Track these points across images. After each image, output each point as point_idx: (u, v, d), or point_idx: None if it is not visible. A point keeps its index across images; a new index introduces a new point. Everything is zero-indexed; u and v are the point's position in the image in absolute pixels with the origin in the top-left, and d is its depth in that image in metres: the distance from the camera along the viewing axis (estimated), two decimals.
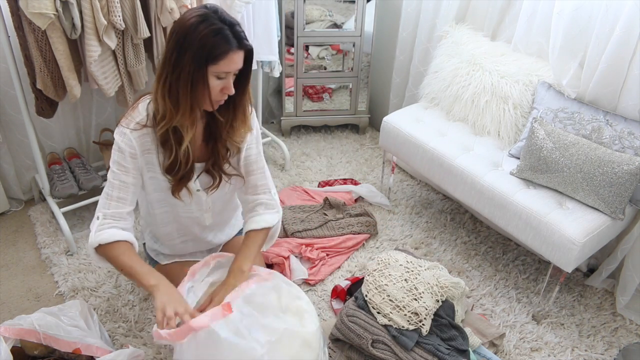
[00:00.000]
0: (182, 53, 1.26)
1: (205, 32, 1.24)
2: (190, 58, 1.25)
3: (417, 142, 2.10)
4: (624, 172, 1.64)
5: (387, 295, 1.62)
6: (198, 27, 1.24)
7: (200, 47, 1.24)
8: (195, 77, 1.27)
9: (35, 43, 1.70)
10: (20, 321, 1.38)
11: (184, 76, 1.27)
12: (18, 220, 2.25)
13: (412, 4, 2.45)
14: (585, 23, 1.81)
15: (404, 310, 1.59)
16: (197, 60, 1.26)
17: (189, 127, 1.35)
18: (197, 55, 1.25)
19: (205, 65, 1.27)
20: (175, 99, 1.30)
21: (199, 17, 1.26)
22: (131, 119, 1.39)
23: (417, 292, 1.63)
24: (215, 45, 1.25)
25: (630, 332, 1.86)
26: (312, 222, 2.22)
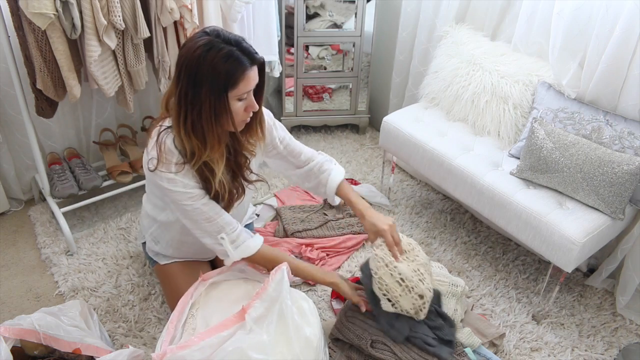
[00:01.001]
0: (198, 88, 1.22)
1: (216, 60, 1.20)
2: (207, 91, 1.22)
3: (417, 142, 2.10)
4: (624, 172, 1.64)
5: (399, 274, 1.49)
6: (207, 57, 1.21)
7: (215, 77, 1.21)
8: (217, 108, 1.24)
9: (35, 43, 1.70)
10: (20, 321, 1.38)
11: (205, 111, 1.24)
12: (18, 220, 2.25)
13: (412, 4, 2.45)
14: (585, 23, 1.80)
15: (412, 292, 1.49)
16: (216, 91, 1.22)
17: (218, 159, 1.33)
18: (214, 86, 1.22)
19: (225, 93, 1.23)
20: (201, 135, 1.27)
21: (204, 46, 1.22)
22: (167, 163, 1.33)
23: (420, 273, 1.52)
24: (231, 71, 1.22)
25: (630, 332, 1.86)
26: (312, 222, 2.22)
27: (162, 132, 1.36)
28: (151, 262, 1.77)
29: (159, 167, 1.33)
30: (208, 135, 1.27)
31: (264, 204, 2.37)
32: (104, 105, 2.32)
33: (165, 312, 1.83)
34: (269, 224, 2.26)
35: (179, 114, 1.27)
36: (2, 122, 2.13)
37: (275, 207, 2.34)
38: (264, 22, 2.30)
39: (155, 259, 1.73)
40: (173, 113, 1.29)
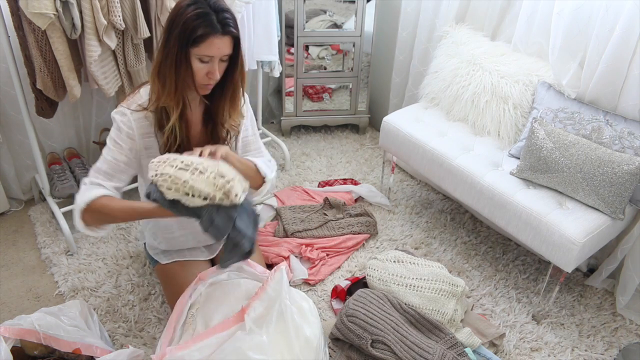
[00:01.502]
0: (169, 35, 1.30)
1: (190, 15, 1.28)
2: (175, 39, 1.29)
3: (417, 142, 2.10)
4: (624, 172, 1.64)
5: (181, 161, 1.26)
6: (186, 10, 1.29)
7: (184, 29, 1.29)
8: (178, 58, 1.31)
9: (35, 43, 1.70)
10: (20, 321, 1.38)
11: (170, 57, 1.31)
12: (18, 220, 2.25)
13: (412, 4, 2.45)
14: (585, 23, 1.80)
15: (206, 172, 1.23)
16: (180, 41, 1.29)
17: (174, 107, 1.38)
18: (181, 37, 1.29)
19: (187, 47, 1.30)
20: (163, 79, 1.34)
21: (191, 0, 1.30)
22: (132, 101, 1.43)
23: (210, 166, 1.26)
24: (197, 28, 1.28)
25: (630, 332, 1.86)
26: (312, 222, 2.22)
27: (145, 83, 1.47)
28: (152, 262, 1.77)
29: (122, 103, 1.44)
30: (167, 80, 1.34)
31: (264, 204, 2.37)
32: (104, 105, 2.32)
33: (165, 312, 1.83)
34: (269, 224, 2.26)
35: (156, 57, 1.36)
36: (2, 122, 2.13)
37: (275, 207, 2.34)
38: (264, 22, 2.30)
39: (157, 259, 1.73)
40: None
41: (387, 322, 1.60)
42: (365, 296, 1.69)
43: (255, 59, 2.37)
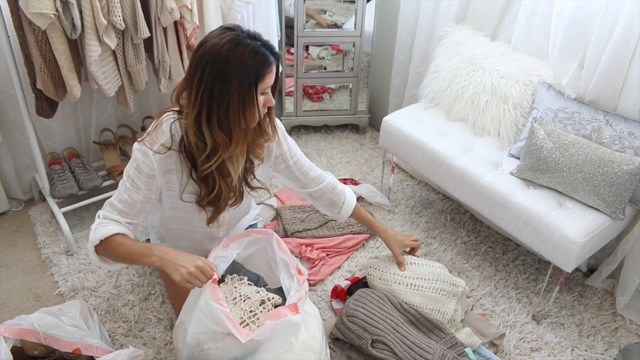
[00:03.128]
0: (227, 83, 1.23)
1: (245, 55, 1.22)
2: (237, 85, 1.23)
3: (417, 142, 2.10)
4: (624, 172, 1.64)
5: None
6: (236, 52, 1.22)
7: (246, 71, 1.23)
8: (245, 102, 1.26)
9: (35, 43, 1.70)
10: (20, 321, 1.38)
11: (233, 105, 1.25)
12: (18, 220, 2.25)
13: (412, 4, 2.45)
14: (585, 23, 1.80)
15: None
16: (245, 85, 1.24)
17: (239, 156, 1.34)
18: (245, 80, 1.23)
19: (255, 86, 1.25)
20: (227, 130, 1.28)
21: (232, 41, 1.23)
22: (155, 139, 1.35)
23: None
24: (260, 65, 1.24)
25: (630, 332, 1.86)
26: (312, 222, 2.22)
27: (167, 114, 1.39)
28: None
29: (145, 139, 1.35)
30: (234, 129, 1.28)
31: (264, 204, 2.37)
32: (104, 105, 2.32)
33: (165, 312, 1.83)
34: (269, 224, 2.26)
35: (200, 110, 1.26)
36: (2, 122, 2.13)
37: (275, 207, 2.34)
38: (264, 22, 2.30)
39: None
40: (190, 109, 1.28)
41: (387, 322, 1.60)
42: (365, 296, 1.69)
43: None
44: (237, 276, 1.53)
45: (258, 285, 1.55)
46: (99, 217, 1.39)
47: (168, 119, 1.37)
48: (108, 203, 1.41)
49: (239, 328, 1.28)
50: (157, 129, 1.35)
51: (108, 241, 1.34)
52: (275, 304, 1.45)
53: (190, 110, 1.28)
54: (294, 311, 1.34)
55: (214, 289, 1.31)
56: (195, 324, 1.33)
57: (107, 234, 1.33)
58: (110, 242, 1.34)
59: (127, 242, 1.36)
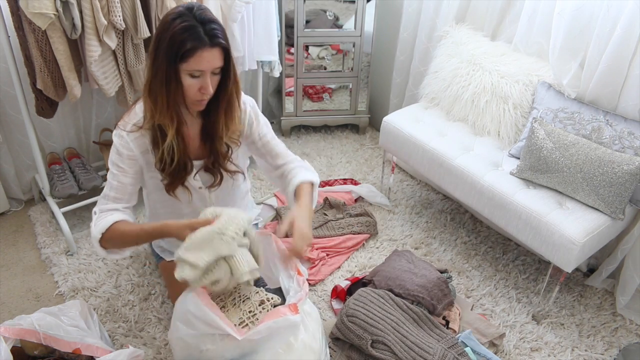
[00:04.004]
0: (158, 52, 1.27)
1: (176, 30, 1.24)
2: (163, 57, 1.26)
3: (417, 142, 2.10)
4: (624, 172, 1.64)
5: None
6: (171, 25, 1.24)
7: (171, 44, 1.25)
8: (168, 74, 1.28)
9: (36, 43, 1.70)
10: (20, 321, 1.38)
11: (159, 74, 1.28)
12: (18, 220, 2.25)
13: (413, 4, 2.45)
14: (586, 23, 1.80)
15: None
16: (168, 57, 1.25)
17: (169, 125, 1.35)
18: (168, 53, 1.25)
19: (176, 63, 1.26)
20: (154, 97, 1.32)
21: (176, 14, 1.26)
22: (128, 121, 1.41)
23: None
24: (184, 43, 1.24)
25: (630, 332, 1.86)
26: (312, 222, 2.22)
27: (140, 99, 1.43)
28: (157, 259, 1.77)
29: (119, 123, 1.42)
30: (158, 98, 1.31)
31: (264, 204, 2.37)
32: (104, 105, 2.32)
33: (165, 312, 1.83)
34: (269, 224, 2.26)
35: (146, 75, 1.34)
36: (2, 122, 2.13)
37: (275, 207, 2.34)
38: (264, 22, 2.30)
39: (162, 255, 1.73)
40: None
41: (387, 322, 1.61)
42: (365, 296, 1.69)
43: (255, 59, 2.37)
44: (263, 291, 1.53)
45: (257, 285, 1.54)
46: (95, 214, 1.42)
47: (140, 102, 1.42)
48: (101, 197, 1.45)
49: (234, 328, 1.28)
50: (129, 111, 1.43)
51: (111, 231, 1.37)
52: (274, 304, 1.44)
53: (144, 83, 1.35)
54: (293, 311, 1.34)
55: (201, 294, 1.31)
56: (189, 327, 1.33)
57: (107, 225, 1.37)
58: (114, 231, 1.38)
59: (132, 227, 1.40)
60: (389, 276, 1.77)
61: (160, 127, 1.37)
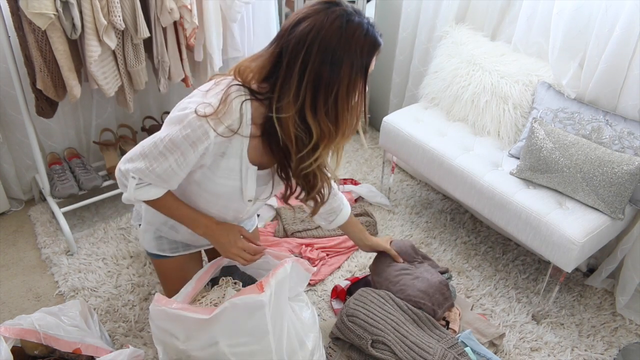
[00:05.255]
0: (338, 66, 1.08)
1: (357, 35, 1.08)
2: (347, 69, 1.09)
3: (417, 142, 2.10)
4: (623, 172, 1.64)
5: None
6: (347, 31, 1.07)
7: (359, 50, 1.09)
8: (355, 87, 1.13)
9: (35, 43, 1.70)
10: (20, 321, 1.38)
11: (342, 91, 1.10)
12: (18, 220, 2.25)
13: (412, 4, 2.45)
14: (585, 23, 1.81)
15: None
16: (357, 69, 1.10)
17: (340, 149, 1.23)
18: (356, 64, 1.10)
19: (366, 70, 1.13)
20: (334, 118, 1.14)
21: (340, 17, 1.07)
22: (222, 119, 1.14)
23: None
24: (371, 47, 1.11)
25: (630, 332, 1.86)
26: (312, 222, 2.22)
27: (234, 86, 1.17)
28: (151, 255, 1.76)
29: (209, 117, 1.12)
30: (341, 118, 1.14)
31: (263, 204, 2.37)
32: (104, 105, 2.32)
33: None
34: (269, 224, 2.26)
35: (305, 98, 1.11)
36: (2, 122, 2.13)
37: (275, 207, 2.34)
38: (264, 22, 2.30)
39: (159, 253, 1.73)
40: (292, 99, 1.11)
41: (387, 322, 1.61)
42: (366, 296, 1.69)
43: None
44: (232, 279, 1.53)
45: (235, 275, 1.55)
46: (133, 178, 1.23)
47: (238, 95, 1.16)
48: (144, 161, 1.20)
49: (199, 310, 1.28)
50: (225, 105, 1.13)
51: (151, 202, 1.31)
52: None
53: (291, 101, 1.11)
54: (259, 289, 1.28)
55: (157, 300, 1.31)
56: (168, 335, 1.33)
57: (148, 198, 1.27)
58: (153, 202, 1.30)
59: (172, 204, 1.31)
60: (390, 279, 1.76)
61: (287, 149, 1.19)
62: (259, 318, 1.29)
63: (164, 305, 1.29)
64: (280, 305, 1.36)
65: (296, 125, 1.14)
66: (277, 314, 1.34)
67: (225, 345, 1.28)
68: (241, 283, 1.53)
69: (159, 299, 1.31)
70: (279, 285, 1.34)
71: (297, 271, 1.44)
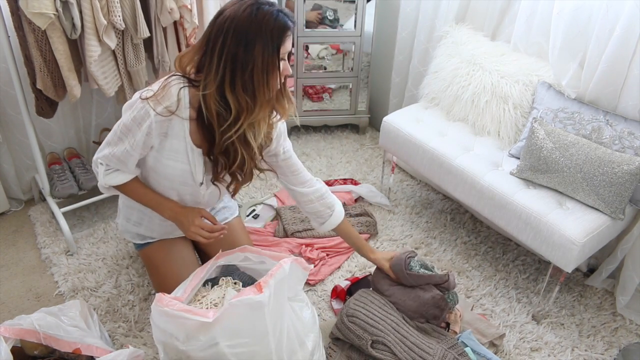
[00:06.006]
0: (251, 46, 1.25)
1: (268, 18, 1.25)
2: (260, 49, 1.25)
3: (417, 142, 2.10)
4: (624, 172, 1.64)
5: None
6: (258, 15, 1.25)
7: (269, 33, 1.25)
8: (269, 66, 1.28)
9: (35, 43, 1.70)
10: (20, 321, 1.38)
11: (257, 68, 1.27)
12: (18, 220, 2.25)
13: (411, 4, 2.45)
14: (585, 23, 1.80)
15: None
16: (269, 48, 1.26)
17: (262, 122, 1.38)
18: (268, 44, 1.26)
19: (277, 49, 1.28)
20: (252, 93, 1.30)
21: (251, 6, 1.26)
22: (160, 101, 1.34)
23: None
24: (281, 29, 1.27)
25: (630, 332, 1.86)
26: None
27: (174, 77, 1.37)
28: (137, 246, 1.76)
29: (150, 99, 1.34)
30: (258, 93, 1.30)
31: (264, 204, 2.37)
32: (104, 105, 2.32)
33: None
34: (269, 224, 2.26)
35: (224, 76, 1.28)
36: (2, 122, 2.13)
37: (275, 207, 2.34)
38: None
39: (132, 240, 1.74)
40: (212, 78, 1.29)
41: (387, 323, 1.60)
42: (366, 296, 1.69)
43: None
44: (232, 280, 1.53)
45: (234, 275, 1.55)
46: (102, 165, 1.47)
47: (177, 83, 1.35)
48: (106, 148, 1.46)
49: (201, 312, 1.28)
50: (164, 90, 1.34)
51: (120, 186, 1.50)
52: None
53: (212, 79, 1.29)
54: (258, 290, 1.30)
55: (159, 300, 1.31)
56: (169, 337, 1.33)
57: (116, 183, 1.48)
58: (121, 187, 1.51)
59: (139, 189, 1.51)
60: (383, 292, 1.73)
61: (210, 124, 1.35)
62: (258, 318, 1.30)
63: (165, 306, 1.29)
64: (279, 306, 1.36)
65: (216, 101, 1.31)
66: (276, 314, 1.34)
67: (225, 345, 1.28)
68: (241, 283, 1.53)
69: (160, 299, 1.31)
70: (278, 285, 1.34)
71: (295, 271, 1.44)
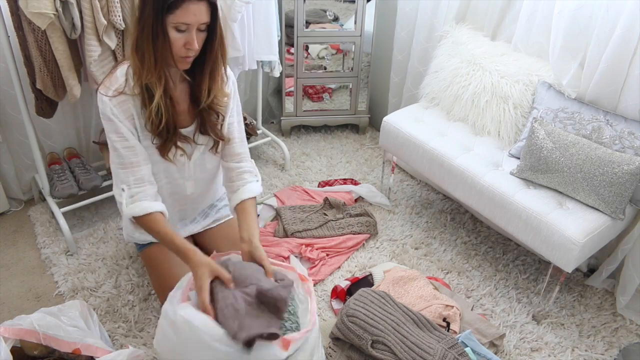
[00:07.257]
0: (144, 6, 1.26)
1: None
2: (149, 10, 1.25)
3: (417, 142, 2.10)
4: (624, 172, 1.64)
5: None
6: None
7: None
8: (155, 29, 1.26)
9: (35, 43, 1.70)
10: (20, 321, 1.38)
11: (146, 29, 1.27)
12: (18, 220, 2.25)
13: (410, 4, 2.45)
14: (586, 23, 1.80)
15: None
16: (155, 9, 1.25)
17: (156, 83, 1.35)
18: (155, 4, 1.24)
19: (162, 15, 1.25)
20: (141, 54, 1.30)
21: None
22: (109, 86, 1.38)
23: None
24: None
25: (631, 332, 1.86)
26: (312, 222, 2.22)
27: (121, 63, 1.42)
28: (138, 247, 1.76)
29: (100, 88, 1.39)
30: (145, 54, 1.30)
31: (264, 204, 2.37)
32: None
33: None
34: (269, 224, 2.26)
35: (132, 32, 1.32)
36: (2, 122, 2.13)
37: (275, 207, 2.34)
38: (264, 22, 2.30)
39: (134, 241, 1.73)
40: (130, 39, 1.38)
41: (387, 323, 1.60)
42: (366, 296, 1.69)
43: (255, 58, 2.37)
44: None
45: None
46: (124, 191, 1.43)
47: (123, 66, 1.39)
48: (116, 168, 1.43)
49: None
50: (110, 76, 1.39)
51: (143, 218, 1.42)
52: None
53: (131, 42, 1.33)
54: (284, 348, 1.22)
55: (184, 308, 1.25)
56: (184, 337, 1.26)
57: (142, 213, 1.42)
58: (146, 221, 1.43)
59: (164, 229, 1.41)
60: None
61: (147, 88, 1.36)
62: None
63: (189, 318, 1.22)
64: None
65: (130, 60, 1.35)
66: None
67: None
68: None
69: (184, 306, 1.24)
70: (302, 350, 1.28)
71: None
